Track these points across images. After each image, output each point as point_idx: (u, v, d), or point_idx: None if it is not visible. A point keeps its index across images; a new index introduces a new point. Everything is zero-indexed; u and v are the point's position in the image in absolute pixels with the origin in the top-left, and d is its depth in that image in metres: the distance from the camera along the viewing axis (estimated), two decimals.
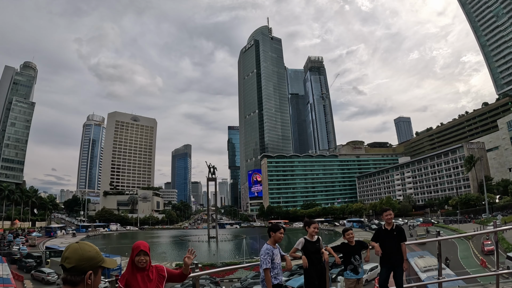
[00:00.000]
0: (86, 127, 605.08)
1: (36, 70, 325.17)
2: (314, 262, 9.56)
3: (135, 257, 5.76)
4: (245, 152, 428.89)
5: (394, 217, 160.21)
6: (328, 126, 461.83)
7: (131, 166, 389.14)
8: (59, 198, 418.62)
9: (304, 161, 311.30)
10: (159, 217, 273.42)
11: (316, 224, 10.09)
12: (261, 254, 8.86)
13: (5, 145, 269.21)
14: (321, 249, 9.89)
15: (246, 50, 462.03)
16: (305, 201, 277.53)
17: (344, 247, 10.59)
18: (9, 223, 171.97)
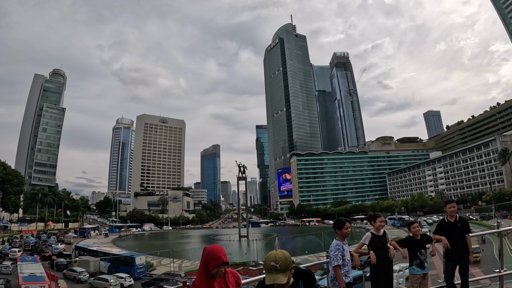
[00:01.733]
0: (116, 130, 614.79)
1: (65, 77, 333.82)
2: (381, 258, 8.99)
3: (213, 269, 4.75)
4: (274, 150, 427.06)
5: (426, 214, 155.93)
6: (357, 122, 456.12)
7: (161, 167, 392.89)
8: (91, 200, 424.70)
9: (333, 158, 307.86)
10: (190, 217, 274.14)
11: (382, 218, 9.55)
12: (331, 251, 8.20)
13: (37, 150, 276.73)
14: (388, 243, 9.24)
15: (271, 49, 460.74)
16: (335, 198, 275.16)
17: (409, 241, 9.97)
18: (42, 225, 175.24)
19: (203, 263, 4.84)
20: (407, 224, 10.30)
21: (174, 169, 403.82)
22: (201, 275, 4.89)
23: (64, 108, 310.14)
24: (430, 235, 10.41)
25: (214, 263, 4.73)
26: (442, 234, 9.99)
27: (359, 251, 9.00)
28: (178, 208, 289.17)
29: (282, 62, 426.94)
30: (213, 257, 4.76)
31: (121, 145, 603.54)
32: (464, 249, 9.79)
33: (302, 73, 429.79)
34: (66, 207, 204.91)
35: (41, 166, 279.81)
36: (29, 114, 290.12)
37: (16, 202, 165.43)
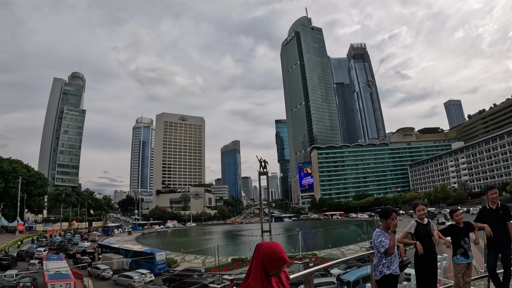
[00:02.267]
0: (136, 129, 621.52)
1: (83, 79, 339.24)
2: (426, 247, 8.53)
3: (274, 270, 4.17)
4: (294, 144, 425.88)
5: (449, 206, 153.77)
6: (376, 114, 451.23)
7: (182, 165, 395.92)
8: (113, 199, 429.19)
9: (354, 151, 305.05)
10: (211, 213, 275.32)
11: (421, 206, 9.03)
12: (374, 239, 7.92)
13: (59, 151, 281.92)
14: (433, 232, 8.83)
15: (287, 43, 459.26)
16: (357, 191, 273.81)
17: (452, 229, 9.56)
18: (67, 224, 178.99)
19: (260, 263, 4.17)
20: (450, 212, 9.95)
21: (195, 166, 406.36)
22: (257, 276, 4.19)
23: (84, 110, 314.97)
24: None
25: (276, 264, 4.13)
26: (484, 222, 9.60)
27: (404, 241, 8.62)
28: (200, 204, 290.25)
29: (299, 55, 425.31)
30: (274, 258, 4.12)
31: (141, 144, 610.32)
32: (506, 237, 9.35)
33: (320, 66, 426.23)
34: (90, 207, 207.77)
35: (63, 167, 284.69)
36: (50, 117, 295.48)
37: (40, 203, 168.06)
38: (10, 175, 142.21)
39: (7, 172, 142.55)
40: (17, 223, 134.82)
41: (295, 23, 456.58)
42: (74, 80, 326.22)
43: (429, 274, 8.49)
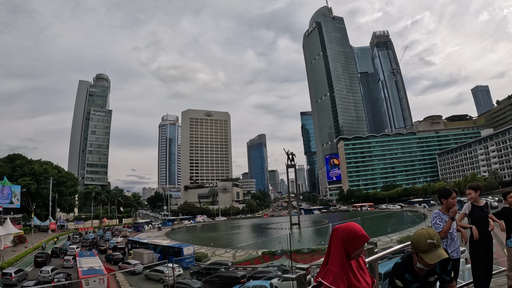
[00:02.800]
0: (162, 127, 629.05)
1: (108, 80, 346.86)
2: (481, 231, 8.16)
3: (356, 250, 4.00)
4: (320, 136, 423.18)
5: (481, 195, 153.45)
6: (402, 103, 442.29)
7: (209, 160, 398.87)
8: (142, 196, 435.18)
9: (381, 141, 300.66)
10: (240, 207, 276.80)
11: (469, 190, 8.81)
12: (431, 220, 7.76)
13: (88, 151, 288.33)
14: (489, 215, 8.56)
15: (309, 34, 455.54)
16: (385, 182, 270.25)
17: (506, 212, 9.14)
18: (97, 222, 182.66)
19: (339, 246, 4.00)
20: (503, 194, 9.54)
21: (221, 161, 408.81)
22: (337, 260, 4.00)
23: (111, 110, 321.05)
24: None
25: (357, 243, 3.97)
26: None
27: (461, 224, 8.30)
28: (228, 199, 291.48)
29: (322, 46, 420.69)
30: (355, 237, 3.98)
31: (168, 141, 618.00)
32: None
33: (343, 55, 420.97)
34: (119, 204, 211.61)
35: (92, 167, 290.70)
36: (78, 118, 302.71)
37: (71, 202, 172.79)
38: (41, 176, 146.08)
39: (39, 173, 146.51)
40: (49, 222, 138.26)
41: (315, 13, 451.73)
42: (99, 82, 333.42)
43: (483, 258, 8.21)
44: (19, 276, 53.35)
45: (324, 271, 4.00)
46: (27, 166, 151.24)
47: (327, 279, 3.89)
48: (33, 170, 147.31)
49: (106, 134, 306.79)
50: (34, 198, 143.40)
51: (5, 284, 51.54)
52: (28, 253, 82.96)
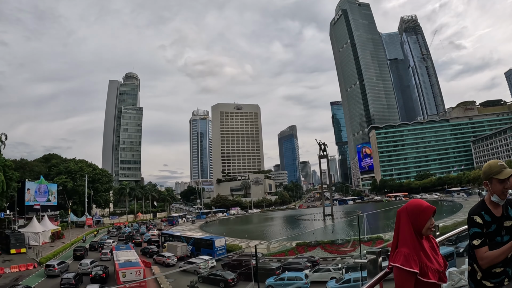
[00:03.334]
0: (193, 122, 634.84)
1: (137, 78, 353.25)
2: None
3: (426, 223, 3.96)
4: (351, 126, 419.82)
5: None
6: (434, 89, 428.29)
7: (240, 153, 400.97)
8: (175, 190, 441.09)
9: (414, 129, 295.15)
10: (272, 199, 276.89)
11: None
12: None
13: (121, 148, 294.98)
14: None
15: (335, 22, 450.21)
16: (418, 171, 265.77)
17: None
18: (132, 216, 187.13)
19: (407, 225, 3.97)
20: None
21: (253, 153, 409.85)
22: (407, 241, 3.93)
23: (141, 107, 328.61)
24: None
25: (424, 215, 3.95)
26: None
27: None
28: (260, 191, 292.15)
29: (349, 34, 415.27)
30: (420, 209, 3.96)
31: (199, 136, 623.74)
32: None
33: (371, 42, 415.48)
34: (153, 199, 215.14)
35: (126, 163, 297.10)
36: (109, 117, 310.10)
37: (106, 198, 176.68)
38: (77, 174, 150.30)
39: (74, 172, 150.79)
40: (85, 218, 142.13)
41: (341, 1, 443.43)
42: (128, 81, 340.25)
43: None
44: (61, 268, 57.48)
45: (395, 255, 3.92)
46: (62, 165, 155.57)
47: (398, 260, 3.81)
48: (68, 169, 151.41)
49: (138, 131, 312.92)
50: (70, 195, 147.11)
51: (48, 275, 55.75)
52: (65, 248, 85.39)
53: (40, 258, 70.02)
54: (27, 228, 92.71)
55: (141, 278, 43.36)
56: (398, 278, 3.78)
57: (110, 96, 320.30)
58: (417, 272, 3.70)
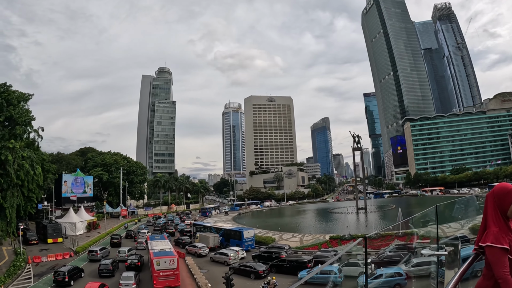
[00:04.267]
0: (225, 115, 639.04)
1: (170, 73, 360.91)
2: None
3: (511, 205, 4.05)
4: (385, 118, 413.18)
5: None
6: (470, 79, 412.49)
7: (273, 145, 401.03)
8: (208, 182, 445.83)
9: (449, 121, 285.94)
10: (305, 192, 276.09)
11: None
12: None
13: (155, 141, 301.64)
14: None
15: (367, 12, 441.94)
16: (454, 165, 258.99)
17: None
18: (166, 208, 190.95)
19: (495, 208, 4.13)
20: None
21: (286, 145, 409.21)
22: (496, 223, 4.08)
23: (174, 101, 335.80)
24: None
25: (510, 197, 4.06)
26: None
27: None
28: (293, 183, 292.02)
29: (382, 23, 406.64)
30: (505, 191, 4.12)
31: (232, 128, 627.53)
32: None
33: (405, 32, 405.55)
34: (187, 190, 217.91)
35: (160, 156, 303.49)
36: (143, 111, 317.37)
37: (141, 189, 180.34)
38: (112, 166, 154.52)
39: (110, 164, 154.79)
40: (120, 209, 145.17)
41: None
42: (161, 75, 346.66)
43: None
44: (103, 253, 64.68)
45: (484, 235, 4.05)
46: (98, 157, 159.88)
47: (488, 239, 3.93)
48: (104, 161, 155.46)
49: (172, 124, 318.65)
50: (106, 187, 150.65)
51: (90, 260, 62.40)
52: (101, 238, 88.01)
53: (76, 247, 72.25)
54: (64, 218, 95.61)
55: (174, 267, 44.90)
56: (491, 256, 3.84)
57: (143, 90, 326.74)
58: (507, 248, 3.78)
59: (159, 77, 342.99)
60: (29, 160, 61.37)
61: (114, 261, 55.35)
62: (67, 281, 46.73)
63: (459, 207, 19.55)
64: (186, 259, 58.72)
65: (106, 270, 51.38)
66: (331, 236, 69.34)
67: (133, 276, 45.46)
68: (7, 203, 57.31)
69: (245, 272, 47.61)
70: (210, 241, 71.07)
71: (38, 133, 67.94)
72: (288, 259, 51.23)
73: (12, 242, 68.70)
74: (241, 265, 50.37)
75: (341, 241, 65.79)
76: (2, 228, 59.40)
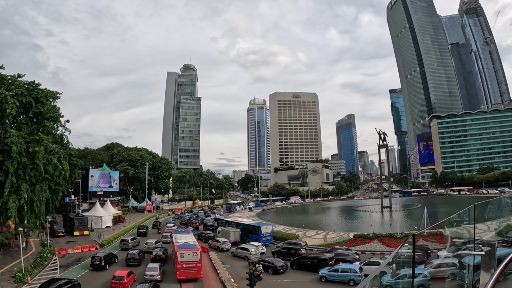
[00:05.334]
0: (250, 111, 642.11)
1: (195, 70, 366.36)
2: None
3: None
4: (411, 114, 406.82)
5: None
6: (498, 75, 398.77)
7: (298, 142, 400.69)
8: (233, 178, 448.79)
9: (477, 118, 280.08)
10: (329, 189, 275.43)
11: None
12: None
13: (180, 137, 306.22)
14: None
15: (392, 6, 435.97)
16: (481, 164, 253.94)
17: None
18: (190, 203, 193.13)
19: None
20: None
21: (311, 142, 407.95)
22: None
23: (200, 97, 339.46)
24: None
25: None
26: None
27: None
28: (318, 180, 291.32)
29: (407, 17, 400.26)
30: None
31: (256, 125, 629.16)
32: None
33: (431, 26, 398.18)
34: (211, 186, 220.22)
35: (185, 152, 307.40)
36: (169, 107, 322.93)
37: (166, 185, 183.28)
38: (138, 162, 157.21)
39: (135, 159, 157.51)
40: (145, 204, 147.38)
41: None
42: (186, 72, 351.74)
43: None
44: (133, 243, 70.95)
45: None
46: (125, 153, 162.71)
47: None
48: (130, 157, 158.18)
49: (197, 120, 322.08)
50: (131, 181, 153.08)
51: (122, 248, 68.09)
52: (126, 231, 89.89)
53: (102, 240, 73.88)
54: (90, 212, 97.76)
55: (197, 259, 46.87)
56: None
57: (169, 87, 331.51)
58: None
59: (184, 73, 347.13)
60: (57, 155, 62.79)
61: (141, 251, 59.50)
62: (103, 265, 51.88)
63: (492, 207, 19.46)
64: (210, 254, 59.91)
65: (133, 259, 55.39)
66: (355, 235, 69.31)
67: (158, 268, 47.49)
68: (36, 197, 58.79)
69: (264, 267, 48.00)
70: (232, 236, 72.72)
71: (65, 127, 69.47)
72: (310, 256, 51.69)
73: (39, 234, 70.66)
74: (260, 260, 51.02)
75: (365, 239, 65.90)
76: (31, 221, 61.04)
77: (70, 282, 39.64)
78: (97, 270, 50.71)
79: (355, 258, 52.16)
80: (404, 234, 66.48)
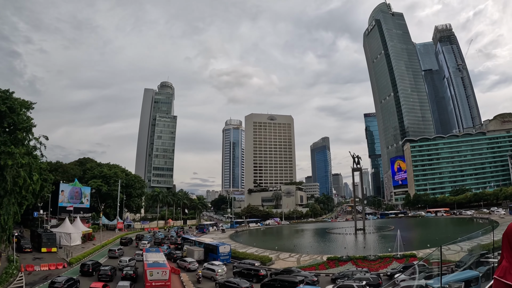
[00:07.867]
0: (226, 131, 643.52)
1: (172, 87, 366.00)
2: None
3: None
4: (385, 138, 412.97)
5: None
6: (470, 100, 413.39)
7: (273, 163, 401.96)
8: (206, 198, 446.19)
9: (449, 142, 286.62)
10: (303, 211, 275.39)
11: None
12: None
13: (154, 155, 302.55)
14: None
15: (369, 33, 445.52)
16: (454, 186, 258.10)
17: None
18: (163, 222, 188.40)
19: (506, 243, 4.54)
20: None
21: (285, 164, 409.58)
22: (508, 256, 4.50)
23: (176, 116, 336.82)
24: None
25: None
26: None
27: None
28: (292, 202, 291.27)
29: (383, 44, 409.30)
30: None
31: (231, 145, 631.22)
32: None
33: (406, 53, 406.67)
34: (184, 206, 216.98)
35: (159, 170, 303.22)
36: (144, 124, 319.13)
37: (139, 203, 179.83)
38: (111, 179, 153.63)
39: (109, 176, 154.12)
40: (117, 222, 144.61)
41: (374, 11, 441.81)
42: (163, 89, 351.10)
43: None
44: (119, 252, 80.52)
45: (499, 268, 4.49)
46: (97, 169, 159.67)
47: (497, 272, 4.43)
48: (103, 173, 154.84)
49: (172, 139, 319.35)
50: (103, 198, 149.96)
51: (110, 257, 76.30)
52: (96, 250, 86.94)
53: (70, 258, 71.53)
54: (59, 228, 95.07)
55: (166, 278, 47.81)
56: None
57: (145, 104, 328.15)
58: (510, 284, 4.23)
59: (161, 91, 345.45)
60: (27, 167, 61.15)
61: (113, 267, 59.82)
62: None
63: None
64: (181, 276, 59.83)
65: (105, 275, 55.95)
66: (328, 257, 69.07)
67: (128, 286, 47.54)
68: (3, 210, 56.99)
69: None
70: (196, 254, 75.56)
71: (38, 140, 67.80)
72: (280, 279, 51.34)
73: (5, 249, 68.28)
74: (226, 281, 51.94)
75: (338, 262, 65.59)
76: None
77: None
78: None
79: (313, 280, 53.14)
80: (378, 256, 66.24)
